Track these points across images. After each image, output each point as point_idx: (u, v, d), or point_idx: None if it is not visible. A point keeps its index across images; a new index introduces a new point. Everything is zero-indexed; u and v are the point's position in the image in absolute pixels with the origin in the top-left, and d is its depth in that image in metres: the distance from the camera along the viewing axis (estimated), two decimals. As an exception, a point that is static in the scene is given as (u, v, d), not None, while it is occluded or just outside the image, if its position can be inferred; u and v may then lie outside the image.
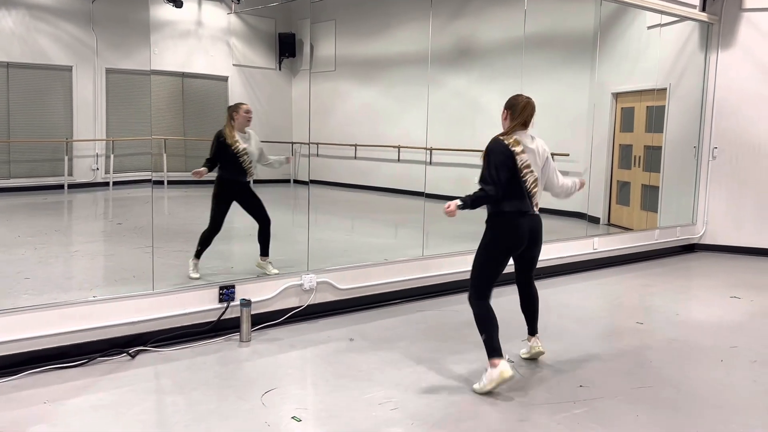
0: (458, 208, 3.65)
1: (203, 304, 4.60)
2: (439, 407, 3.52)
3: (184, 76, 10.58)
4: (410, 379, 3.90)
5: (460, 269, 5.98)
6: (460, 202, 3.66)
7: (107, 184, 10.12)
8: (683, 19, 8.12)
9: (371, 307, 5.44)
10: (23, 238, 7.10)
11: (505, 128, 3.93)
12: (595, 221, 8.49)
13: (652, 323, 5.28)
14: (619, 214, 8.79)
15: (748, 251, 8.28)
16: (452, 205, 3.65)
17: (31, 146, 9.76)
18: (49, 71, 9.96)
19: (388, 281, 5.58)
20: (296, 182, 11.80)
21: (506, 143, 3.80)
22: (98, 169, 10.15)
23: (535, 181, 3.88)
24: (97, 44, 9.96)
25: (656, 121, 8.40)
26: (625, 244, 7.76)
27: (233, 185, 5.60)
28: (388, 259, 5.78)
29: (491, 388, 3.66)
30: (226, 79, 11.60)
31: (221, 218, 5.57)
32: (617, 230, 8.41)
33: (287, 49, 12.25)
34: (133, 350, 4.20)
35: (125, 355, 4.15)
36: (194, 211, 8.07)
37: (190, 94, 10.19)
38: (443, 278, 5.94)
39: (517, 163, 3.79)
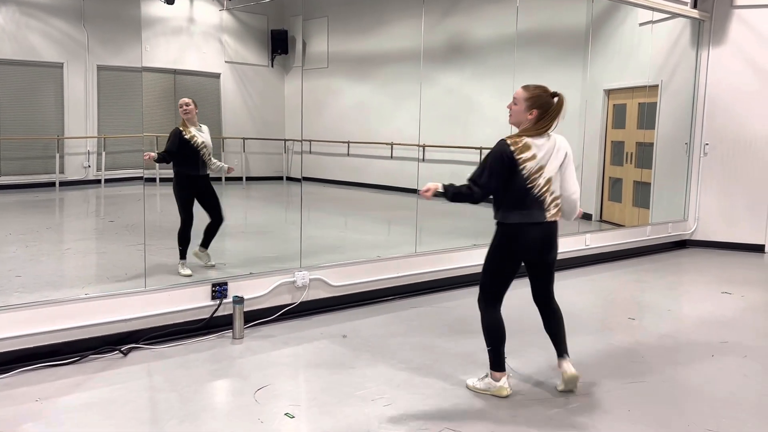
0: (435, 195, 3.40)
1: (196, 301, 4.59)
2: (431, 403, 3.53)
3: (175, 73, 10.55)
4: (403, 375, 3.91)
5: (452, 266, 6.02)
6: (441, 189, 3.39)
7: (99, 181, 10.08)
8: (675, 15, 8.15)
9: (364, 303, 5.44)
10: (14, 235, 7.07)
11: (521, 127, 3.48)
12: (587, 217, 8.52)
13: (643, 319, 5.31)
14: (611, 210, 8.83)
15: (739, 247, 8.33)
16: (432, 189, 3.37)
17: (22, 144, 9.71)
18: (39, 68, 9.91)
19: (381, 278, 5.59)
20: (289, 179, 11.80)
21: (512, 149, 3.38)
22: (90, 166, 10.11)
23: (547, 181, 3.45)
24: (88, 41, 9.91)
25: (648, 117, 8.43)
26: (617, 240, 7.79)
27: (192, 179, 5.66)
28: (380, 255, 5.79)
29: (485, 393, 3.65)
30: (218, 76, 11.58)
31: (189, 208, 5.62)
32: (609, 226, 8.45)
33: (279, 45, 12.22)
34: (125, 348, 4.19)
35: (118, 352, 4.14)
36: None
37: (181, 91, 10.15)
38: (436, 275, 5.95)
39: (521, 171, 3.39)
